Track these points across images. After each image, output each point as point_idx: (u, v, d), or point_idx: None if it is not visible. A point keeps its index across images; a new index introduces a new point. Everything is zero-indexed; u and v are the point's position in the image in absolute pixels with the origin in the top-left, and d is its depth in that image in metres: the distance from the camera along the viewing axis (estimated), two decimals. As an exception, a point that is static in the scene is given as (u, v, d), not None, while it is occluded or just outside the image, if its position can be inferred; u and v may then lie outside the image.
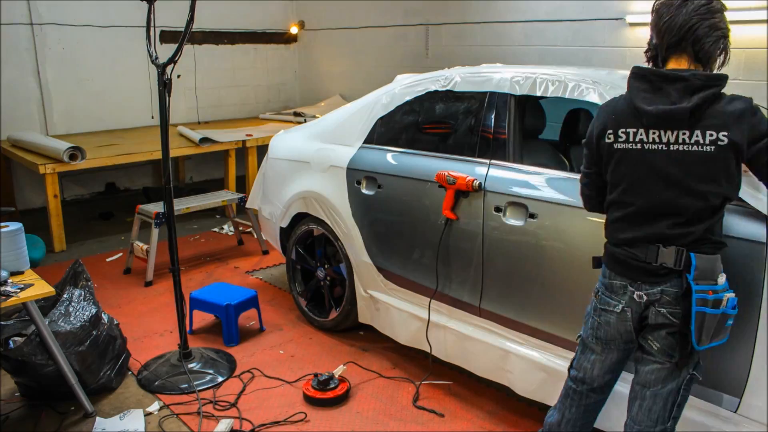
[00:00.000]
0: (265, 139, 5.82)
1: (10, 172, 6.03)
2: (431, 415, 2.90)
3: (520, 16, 5.39)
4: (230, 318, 3.54)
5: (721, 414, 2.13)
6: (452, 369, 3.22)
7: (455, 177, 2.80)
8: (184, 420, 2.86)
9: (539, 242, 2.56)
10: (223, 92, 7.53)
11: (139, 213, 4.62)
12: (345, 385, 3.06)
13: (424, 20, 6.25)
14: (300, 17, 7.89)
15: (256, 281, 4.53)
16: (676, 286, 1.84)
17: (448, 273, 2.95)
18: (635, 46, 4.66)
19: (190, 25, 2.83)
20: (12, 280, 2.71)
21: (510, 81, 2.81)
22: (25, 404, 2.97)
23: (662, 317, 1.88)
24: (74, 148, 4.96)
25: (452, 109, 3.14)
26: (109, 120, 6.65)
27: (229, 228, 5.74)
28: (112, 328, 3.13)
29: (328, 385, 3.01)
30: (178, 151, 5.75)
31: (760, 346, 2.00)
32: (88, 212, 6.28)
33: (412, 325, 3.19)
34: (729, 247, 1.94)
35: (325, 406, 2.97)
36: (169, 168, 3.07)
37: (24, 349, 2.78)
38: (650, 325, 1.92)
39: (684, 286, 1.82)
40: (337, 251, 3.54)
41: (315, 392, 3.00)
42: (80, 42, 6.34)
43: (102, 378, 3.02)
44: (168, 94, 2.94)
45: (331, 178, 3.49)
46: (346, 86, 7.45)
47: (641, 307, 1.92)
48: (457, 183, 2.79)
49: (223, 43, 7.42)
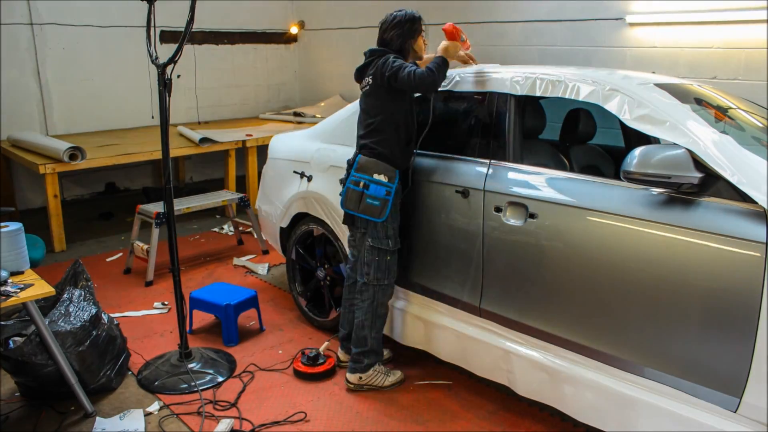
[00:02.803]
0: (265, 139, 5.82)
1: (10, 172, 6.04)
2: (431, 415, 2.90)
3: (520, 16, 5.39)
4: (230, 318, 3.54)
5: (721, 414, 2.13)
6: (452, 369, 3.22)
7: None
8: (184, 420, 2.86)
9: (539, 242, 2.56)
10: (223, 92, 7.53)
11: (140, 213, 4.62)
12: (332, 360, 3.27)
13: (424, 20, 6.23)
14: (300, 17, 7.89)
15: (256, 281, 4.52)
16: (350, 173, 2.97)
17: (448, 273, 2.95)
18: (635, 46, 4.66)
19: (190, 25, 2.83)
20: (12, 280, 2.71)
21: (510, 81, 2.80)
22: (25, 404, 2.97)
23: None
24: (74, 148, 4.96)
25: (452, 109, 3.14)
26: (109, 120, 6.65)
27: (229, 228, 5.74)
28: (112, 328, 3.13)
29: (317, 361, 3.21)
30: (178, 151, 5.75)
31: (760, 346, 1.99)
32: (88, 212, 6.27)
33: (413, 325, 3.19)
34: (729, 248, 1.94)
35: (315, 380, 3.17)
36: (169, 168, 3.07)
37: (24, 349, 2.78)
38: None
39: None
40: (337, 251, 3.54)
41: (306, 368, 3.19)
42: (80, 42, 6.34)
43: (102, 378, 3.02)
44: (168, 94, 2.94)
45: (331, 179, 3.49)
46: (346, 86, 7.44)
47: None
48: None
49: (223, 43, 7.42)
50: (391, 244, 2.95)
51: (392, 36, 2.96)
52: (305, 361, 3.22)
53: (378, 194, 2.84)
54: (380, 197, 2.84)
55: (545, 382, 2.63)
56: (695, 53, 4.40)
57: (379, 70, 2.83)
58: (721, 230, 2.07)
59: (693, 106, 2.50)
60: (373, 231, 2.93)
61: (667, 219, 2.20)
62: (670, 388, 2.24)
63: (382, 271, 2.97)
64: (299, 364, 3.23)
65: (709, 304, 2.10)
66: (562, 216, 2.50)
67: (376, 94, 2.90)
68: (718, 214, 2.11)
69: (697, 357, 2.15)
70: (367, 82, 2.93)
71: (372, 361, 3.07)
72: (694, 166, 2.13)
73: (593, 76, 2.61)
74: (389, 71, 2.80)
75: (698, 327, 2.13)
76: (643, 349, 2.29)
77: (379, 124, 2.90)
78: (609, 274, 2.34)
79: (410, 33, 2.97)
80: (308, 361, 3.21)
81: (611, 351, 2.38)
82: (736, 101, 2.97)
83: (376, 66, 2.86)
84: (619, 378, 2.38)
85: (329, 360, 3.25)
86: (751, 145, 2.49)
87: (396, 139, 2.92)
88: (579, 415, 2.53)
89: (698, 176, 2.13)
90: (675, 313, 2.18)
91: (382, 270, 2.97)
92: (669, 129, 2.27)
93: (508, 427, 2.80)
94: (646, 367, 2.29)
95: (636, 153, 2.21)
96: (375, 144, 2.90)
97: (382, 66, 2.82)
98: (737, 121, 2.73)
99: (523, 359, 2.70)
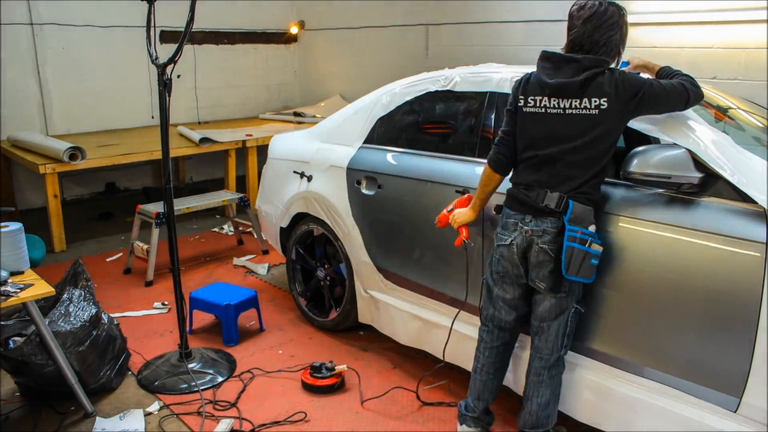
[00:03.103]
0: (265, 139, 5.82)
1: (10, 172, 6.03)
2: (431, 415, 2.90)
3: (520, 16, 5.39)
4: (230, 318, 3.54)
5: (721, 414, 2.13)
6: (452, 369, 3.22)
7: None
8: (184, 420, 2.86)
9: (539, 242, 2.56)
10: (223, 92, 7.52)
11: (140, 213, 4.62)
12: (343, 372, 3.14)
13: (424, 20, 6.25)
14: (300, 17, 7.89)
15: (256, 281, 4.52)
16: (555, 225, 2.28)
17: (449, 273, 2.95)
18: (635, 46, 4.65)
19: (190, 25, 2.83)
20: (12, 280, 2.71)
21: (510, 81, 2.80)
22: (25, 404, 2.97)
23: (543, 253, 2.30)
24: (74, 148, 4.96)
25: (452, 109, 3.14)
26: (109, 120, 6.65)
27: (229, 228, 5.74)
28: (112, 328, 3.13)
29: (325, 373, 3.09)
30: (178, 151, 5.75)
31: (760, 346, 1.99)
32: (88, 212, 6.27)
33: (412, 325, 3.19)
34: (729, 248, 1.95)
35: (322, 394, 3.05)
36: (169, 168, 3.07)
37: (24, 349, 2.78)
38: (534, 264, 2.34)
39: (560, 226, 2.27)
40: (337, 251, 3.54)
41: (313, 380, 3.07)
42: (80, 42, 6.34)
43: (102, 378, 3.02)
44: (168, 94, 2.94)
45: (331, 178, 3.49)
46: (346, 86, 7.45)
47: (526, 242, 2.34)
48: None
49: (223, 43, 7.41)
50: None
51: (608, 38, 2.27)
52: (313, 373, 3.12)
53: (597, 251, 2.24)
54: (599, 255, 2.25)
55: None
56: (695, 53, 4.39)
57: (655, 92, 2.19)
58: (721, 230, 2.07)
59: (693, 106, 2.49)
60: (573, 293, 2.35)
61: (667, 219, 2.20)
62: (669, 388, 2.24)
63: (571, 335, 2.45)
64: (307, 375, 3.12)
65: (708, 304, 2.10)
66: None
67: (605, 121, 2.20)
68: (718, 214, 2.11)
69: (697, 357, 2.15)
70: (598, 103, 2.19)
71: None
72: (694, 166, 2.14)
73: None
74: (682, 93, 2.21)
75: (698, 327, 2.13)
76: (643, 349, 2.29)
77: (601, 159, 2.25)
78: (610, 274, 2.34)
79: (625, 39, 2.37)
80: (315, 373, 3.11)
81: (611, 351, 2.38)
82: (736, 101, 2.97)
83: (623, 85, 2.18)
84: (619, 378, 2.38)
85: (337, 372, 3.13)
86: (751, 145, 2.49)
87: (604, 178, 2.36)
88: (579, 415, 2.53)
89: (698, 176, 2.13)
90: (674, 313, 2.18)
91: (572, 334, 2.44)
92: (669, 129, 2.27)
93: (508, 427, 2.80)
94: (645, 367, 2.29)
95: (636, 153, 2.22)
96: (593, 188, 2.28)
97: (659, 88, 2.20)
98: (737, 121, 2.73)
99: (523, 359, 2.69)
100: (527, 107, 2.34)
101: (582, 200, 2.26)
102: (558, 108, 2.26)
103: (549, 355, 2.42)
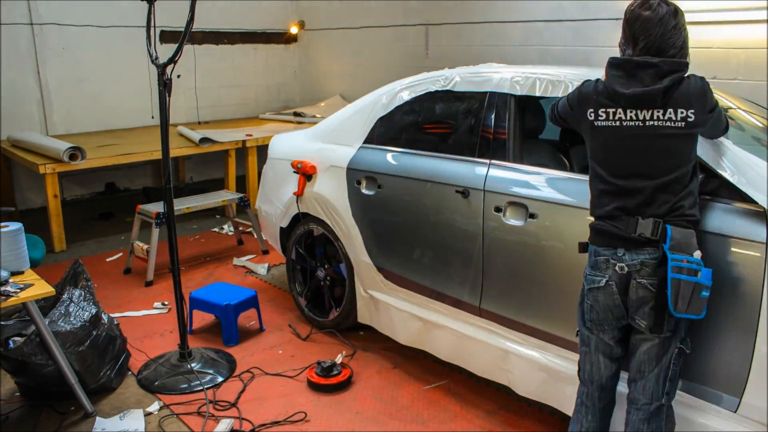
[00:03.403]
0: (265, 139, 5.81)
1: (10, 172, 6.03)
2: (431, 414, 2.90)
3: (520, 16, 5.39)
4: (230, 318, 3.54)
5: (721, 414, 2.13)
6: (452, 369, 3.22)
7: (301, 162, 3.51)
8: (184, 420, 2.86)
9: (539, 242, 2.56)
10: (222, 92, 7.53)
11: (140, 213, 4.62)
12: (347, 371, 3.13)
13: (424, 20, 6.25)
14: (300, 17, 7.89)
15: (256, 281, 4.52)
16: (654, 256, 1.98)
17: (449, 273, 2.95)
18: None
19: (190, 25, 2.83)
20: (12, 280, 2.71)
21: (510, 81, 2.80)
22: (25, 404, 2.97)
23: (642, 289, 2.00)
24: (74, 148, 4.95)
25: (452, 109, 3.14)
26: (109, 120, 6.65)
27: (229, 228, 5.74)
28: (112, 328, 3.13)
29: (332, 372, 3.09)
30: (178, 151, 5.75)
31: (760, 346, 1.99)
32: (88, 212, 6.27)
33: (412, 325, 3.19)
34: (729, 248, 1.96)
35: (329, 392, 3.05)
36: (169, 168, 3.07)
37: (24, 349, 2.78)
38: (633, 301, 2.03)
39: (660, 256, 1.96)
40: (337, 251, 3.54)
41: (319, 379, 3.07)
42: (80, 42, 6.34)
43: (102, 378, 3.02)
44: (168, 94, 2.94)
45: (331, 178, 3.49)
46: (346, 86, 7.45)
47: (623, 279, 2.03)
48: (303, 168, 3.49)
49: (223, 43, 7.41)
50: None
51: (684, 39, 2.04)
52: (319, 372, 3.11)
53: (708, 281, 1.92)
54: (710, 285, 1.93)
55: (545, 382, 2.63)
56: (695, 53, 4.34)
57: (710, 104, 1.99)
58: (720, 230, 2.07)
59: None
60: (678, 332, 2.05)
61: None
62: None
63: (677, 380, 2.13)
64: (313, 374, 3.12)
65: (708, 304, 2.10)
66: (562, 216, 2.50)
67: (693, 136, 1.98)
68: (718, 214, 2.11)
69: (697, 357, 2.15)
70: (685, 115, 1.93)
71: None
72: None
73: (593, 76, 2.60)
74: (723, 122, 2.10)
75: (698, 327, 2.13)
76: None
77: (687, 176, 1.99)
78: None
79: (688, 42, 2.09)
80: (322, 372, 3.10)
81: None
82: (736, 101, 2.97)
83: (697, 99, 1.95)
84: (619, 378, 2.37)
85: (344, 371, 3.13)
86: (751, 145, 2.49)
87: None
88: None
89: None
90: (675, 313, 2.18)
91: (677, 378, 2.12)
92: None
93: (508, 426, 2.80)
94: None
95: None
96: (690, 207, 1.99)
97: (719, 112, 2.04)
98: (737, 121, 2.73)
99: (523, 359, 2.70)
100: (598, 121, 2.04)
101: (681, 223, 1.96)
102: (636, 120, 1.97)
103: (648, 404, 2.08)
